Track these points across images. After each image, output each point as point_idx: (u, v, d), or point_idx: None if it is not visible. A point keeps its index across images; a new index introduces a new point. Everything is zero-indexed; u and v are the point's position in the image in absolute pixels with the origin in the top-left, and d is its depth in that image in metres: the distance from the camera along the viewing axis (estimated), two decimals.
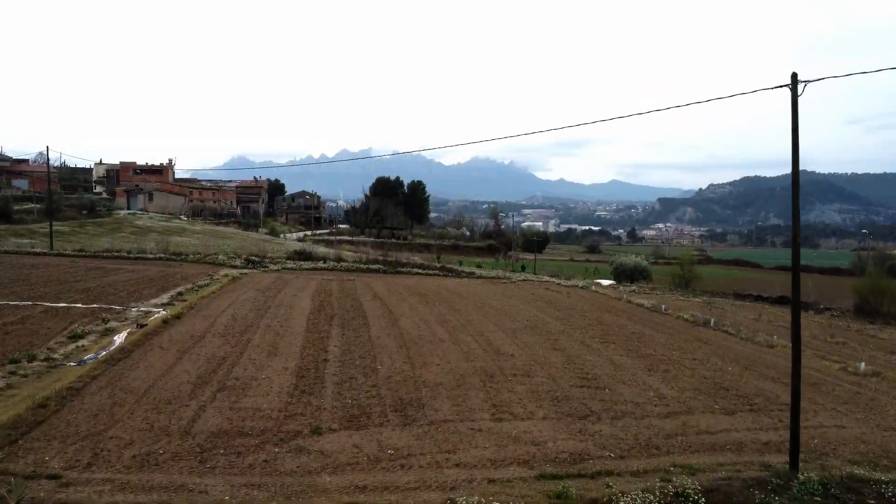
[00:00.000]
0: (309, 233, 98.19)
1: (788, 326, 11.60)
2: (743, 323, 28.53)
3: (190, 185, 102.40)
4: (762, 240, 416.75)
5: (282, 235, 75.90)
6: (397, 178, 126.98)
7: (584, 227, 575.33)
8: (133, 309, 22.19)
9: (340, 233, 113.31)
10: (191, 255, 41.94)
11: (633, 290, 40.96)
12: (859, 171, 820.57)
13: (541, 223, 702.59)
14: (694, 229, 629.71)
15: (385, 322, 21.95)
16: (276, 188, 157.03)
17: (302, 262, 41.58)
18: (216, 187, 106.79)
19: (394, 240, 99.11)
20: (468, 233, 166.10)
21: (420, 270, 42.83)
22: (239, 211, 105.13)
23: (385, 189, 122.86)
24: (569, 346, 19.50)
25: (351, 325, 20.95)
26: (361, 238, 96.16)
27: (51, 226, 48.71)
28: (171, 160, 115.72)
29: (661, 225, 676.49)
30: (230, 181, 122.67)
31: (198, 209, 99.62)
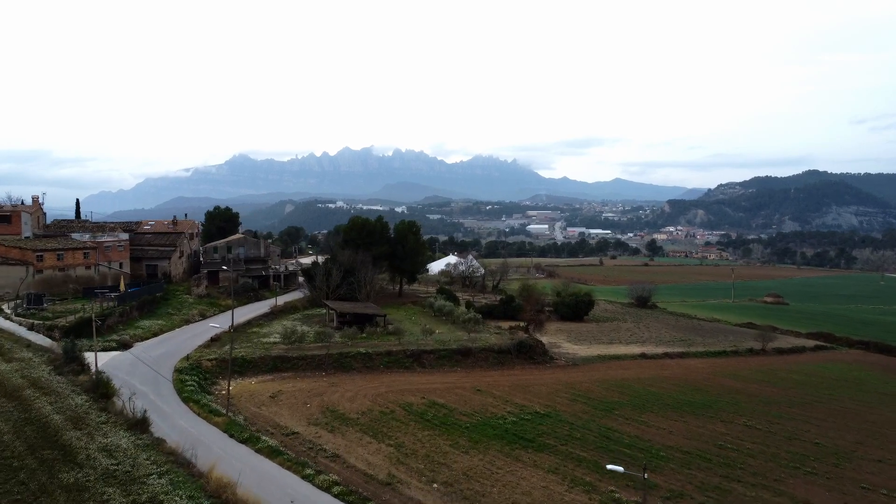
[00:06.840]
0: (219, 328, 59.25)
1: None
2: None
3: (40, 249, 63.31)
4: (792, 252, 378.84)
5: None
6: (379, 218, 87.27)
7: (593, 232, 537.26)
8: None
9: (292, 308, 75.14)
10: None
11: None
12: (872, 171, 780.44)
13: (546, 226, 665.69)
14: (706, 233, 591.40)
15: None
16: (225, 219, 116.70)
17: None
18: (92, 245, 67.50)
19: (363, 345, 61.05)
20: (485, 278, 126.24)
21: None
22: (126, 282, 66.83)
23: (361, 236, 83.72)
24: None
25: None
26: (308, 347, 57.98)
27: None
28: (36, 197, 77.04)
29: (671, 228, 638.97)
30: (131, 226, 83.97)
31: (52, 283, 61.52)
